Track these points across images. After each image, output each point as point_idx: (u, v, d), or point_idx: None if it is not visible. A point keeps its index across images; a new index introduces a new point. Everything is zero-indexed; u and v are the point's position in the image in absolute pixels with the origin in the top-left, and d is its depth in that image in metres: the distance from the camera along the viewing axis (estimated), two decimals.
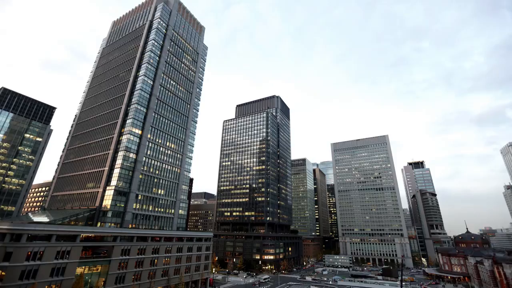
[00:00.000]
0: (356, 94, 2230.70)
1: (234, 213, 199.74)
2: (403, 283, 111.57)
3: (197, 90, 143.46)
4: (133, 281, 77.11)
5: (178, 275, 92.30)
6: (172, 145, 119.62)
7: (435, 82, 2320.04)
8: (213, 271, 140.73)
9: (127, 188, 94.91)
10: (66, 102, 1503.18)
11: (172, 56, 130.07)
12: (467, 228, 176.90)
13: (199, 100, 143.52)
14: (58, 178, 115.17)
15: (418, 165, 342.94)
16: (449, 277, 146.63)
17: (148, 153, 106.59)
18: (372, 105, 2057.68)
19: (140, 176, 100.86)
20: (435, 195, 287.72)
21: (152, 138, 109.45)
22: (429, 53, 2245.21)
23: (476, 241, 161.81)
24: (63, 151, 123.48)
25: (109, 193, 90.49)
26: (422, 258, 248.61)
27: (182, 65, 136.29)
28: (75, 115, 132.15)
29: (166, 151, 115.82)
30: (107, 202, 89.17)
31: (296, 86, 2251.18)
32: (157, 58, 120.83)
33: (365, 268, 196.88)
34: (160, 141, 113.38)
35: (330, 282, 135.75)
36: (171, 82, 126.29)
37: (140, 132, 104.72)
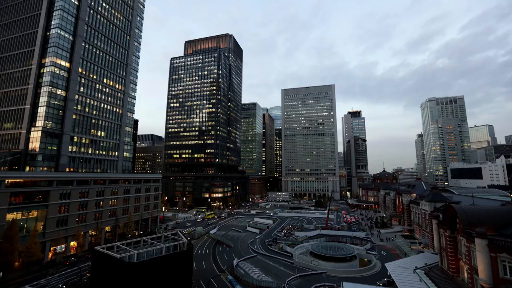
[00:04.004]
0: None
1: (183, 155, 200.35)
2: (330, 211, 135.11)
3: (138, 18, 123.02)
4: (77, 223, 75.79)
5: (127, 215, 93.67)
6: (111, 82, 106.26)
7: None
8: (163, 210, 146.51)
9: (58, 130, 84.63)
10: None
11: None
12: (384, 168, 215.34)
13: (141, 32, 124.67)
14: None
15: (356, 114, 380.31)
16: (364, 205, 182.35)
17: (81, 90, 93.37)
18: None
19: (74, 116, 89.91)
20: (365, 140, 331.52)
21: (84, 73, 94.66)
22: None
23: (388, 178, 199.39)
24: None
25: (36, 134, 79.79)
26: (348, 192, 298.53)
27: None
28: None
29: (104, 89, 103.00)
30: (35, 144, 79.21)
31: (251, 28, 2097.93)
32: None
33: (302, 202, 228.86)
34: (95, 77, 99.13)
35: (272, 214, 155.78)
36: (103, 4, 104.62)
37: (67, 64, 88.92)
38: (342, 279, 54.54)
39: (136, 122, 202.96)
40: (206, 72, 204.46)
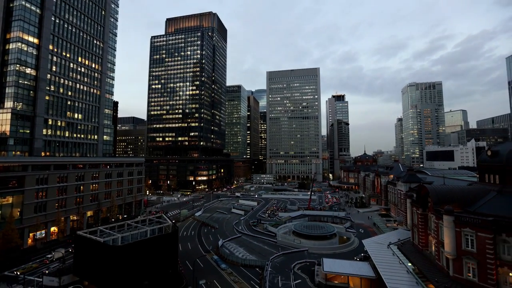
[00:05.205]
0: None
1: (166, 138, 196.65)
2: (313, 193, 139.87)
3: None
4: (57, 208, 73.89)
5: (109, 199, 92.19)
6: (86, 61, 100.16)
7: None
8: (147, 193, 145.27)
9: (30, 112, 79.89)
10: None
11: None
12: (365, 151, 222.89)
13: (118, 7, 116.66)
14: None
15: (340, 98, 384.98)
16: (345, 187, 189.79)
17: (54, 69, 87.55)
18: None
19: (48, 98, 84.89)
20: (348, 124, 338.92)
21: (56, 50, 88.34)
22: None
23: (369, 160, 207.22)
24: None
25: (5, 117, 74.99)
26: (330, 174, 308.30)
27: None
28: None
29: (79, 69, 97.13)
30: (5, 127, 74.62)
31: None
32: None
33: (286, 184, 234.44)
34: (68, 55, 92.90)
35: (256, 196, 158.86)
36: None
37: (36, 41, 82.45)
38: (323, 255, 57.62)
39: (116, 104, 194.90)
40: (188, 53, 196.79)
